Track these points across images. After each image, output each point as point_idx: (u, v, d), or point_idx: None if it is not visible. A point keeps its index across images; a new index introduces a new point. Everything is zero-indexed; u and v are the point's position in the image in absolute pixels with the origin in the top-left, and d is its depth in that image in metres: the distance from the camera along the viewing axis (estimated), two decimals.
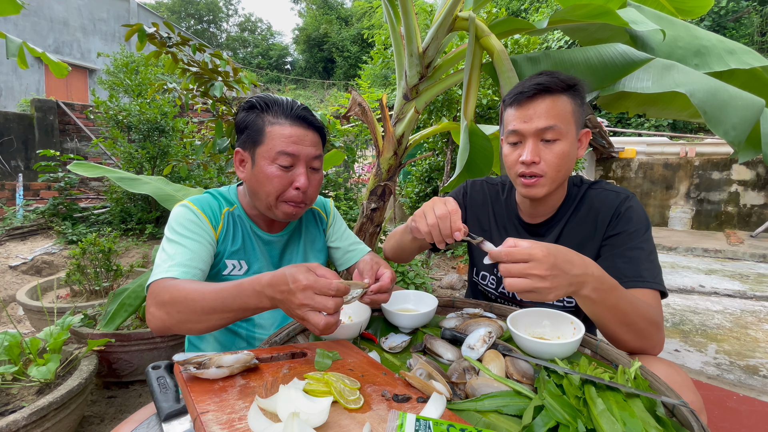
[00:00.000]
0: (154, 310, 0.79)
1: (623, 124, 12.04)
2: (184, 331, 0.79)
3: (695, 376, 2.05)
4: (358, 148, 4.44)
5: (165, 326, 0.78)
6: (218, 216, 0.99)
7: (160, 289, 0.80)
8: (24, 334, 2.40)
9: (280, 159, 0.91)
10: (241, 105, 0.98)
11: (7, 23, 10.48)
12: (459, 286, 3.59)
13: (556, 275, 0.66)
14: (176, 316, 0.76)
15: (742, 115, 1.13)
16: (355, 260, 1.20)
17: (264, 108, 0.94)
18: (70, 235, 4.08)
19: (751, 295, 3.85)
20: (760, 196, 7.84)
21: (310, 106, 2.54)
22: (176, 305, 0.76)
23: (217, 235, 0.97)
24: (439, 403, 0.54)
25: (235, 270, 1.00)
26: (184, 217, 0.94)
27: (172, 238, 0.91)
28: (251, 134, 0.94)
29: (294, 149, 0.92)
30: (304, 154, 0.94)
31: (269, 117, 0.93)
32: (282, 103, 0.95)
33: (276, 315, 1.07)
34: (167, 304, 0.77)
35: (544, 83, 0.88)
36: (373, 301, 0.84)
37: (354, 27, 24.36)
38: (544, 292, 0.67)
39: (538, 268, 0.66)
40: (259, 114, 0.94)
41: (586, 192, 1.03)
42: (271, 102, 0.95)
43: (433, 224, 0.80)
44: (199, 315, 0.75)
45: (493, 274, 1.14)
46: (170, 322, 0.77)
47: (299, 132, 0.93)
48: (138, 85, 4.68)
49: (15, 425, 1.10)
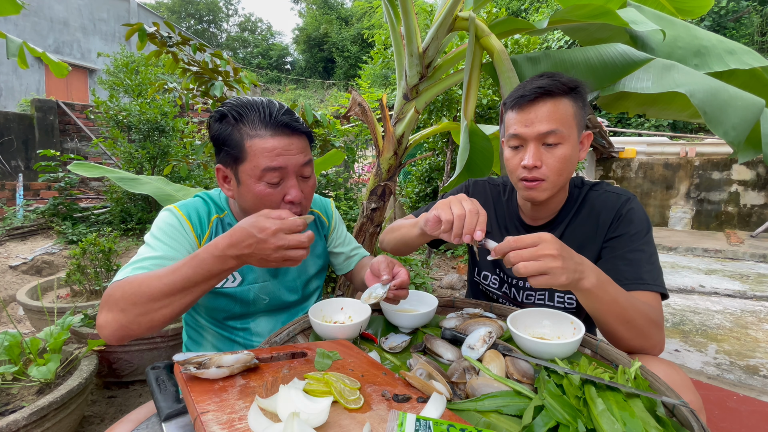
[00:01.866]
0: (105, 314, 0.71)
1: (623, 124, 12.04)
2: (144, 328, 0.71)
3: (695, 376, 2.05)
4: (358, 148, 4.44)
5: (121, 326, 0.70)
6: (205, 223, 0.93)
7: (110, 290, 0.73)
8: (24, 334, 2.40)
9: (266, 176, 0.82)
10: (212, 115, 0.87)
11: (7, 23, 10.48)
12: (459, 286, 3.59)
13: (565, 257, 0.69)
14: (133, 310, 0.69)
15: (742, 115, 1.13)
16: (354, 264, 1.19)
17: (238, 118, 0.82)
18: (70, 235, 4.09)
19: (751, 295, 3.85)
20: (760, 196, 7.84)
21: (310, 106, 2.52)
22: (130, 297, 0.70)
23: (202, 243, 0.91)
24: (439, 403, 0.54)
25: (228, 282, 0.94)
26: (165, 221, 0.88)
27: (148, 242, 0.86)
28: (230, 151, 0.83)
29: (280, 162, 0.81)
30: (292, 164, 0.83)
31: (246, 129, 0.81)
32: (258, 109, 0.82)
33: (274, 323, 1.04)
34: (119, 300, 0.70)
35: (545, 86, 0.87)
36: (396, 296, 0.86)
37: (354, 27, 24.37)
38: (558, 272, 0.68)
39: (549, 248, 0.68)
40: (234, 126, 0.82)
41: (587, 194, 1.03)
42: (244, 110, 0.82)
43: (460, 215, 0.77)
44: (160, 300, 0.69)
45: (495, 273, 1.14)
46: (126, 319, 0.70)
47: (283, 142, 0.82)
48: (138, 85, 4.68)
49: (15, 425, 1.10)
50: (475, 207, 0.79)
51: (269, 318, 1.03)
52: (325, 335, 0.83)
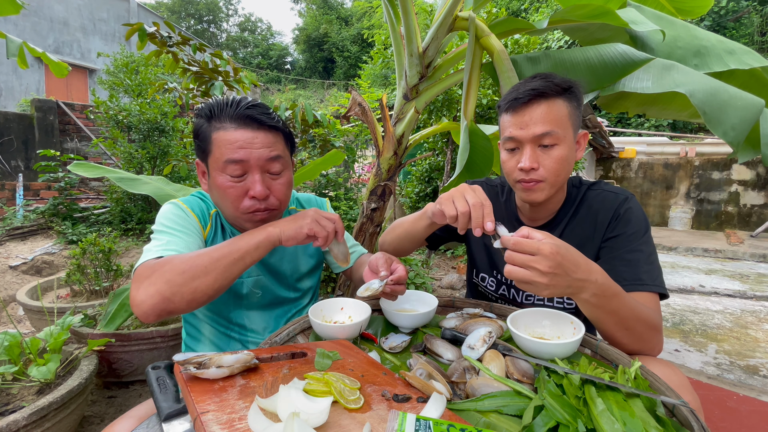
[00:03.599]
0: (146, 287, 0.71)
1: (623, 124, 12.04)
2: (186, 300, 0.72)
3: (695, 376, 2.05)
4: (358, 148, 4.45)
5: (164, 299, 0.70)
6: (207, 216, 0.96)
7: (153, 263, 0.75)
8: (24, 334, 2.40)
9: (228, 168, 0.83)
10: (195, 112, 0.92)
11: (7, 23, 10.48)
12: (459, 286, 3.59)
13: (557, 274, 0.66)
14: (179, 279, 0.71)
15: (742, 115, 1.12)
16: (353, 262, 1.19)
17: (210, 113, 0.86)
18: (70, 235, 4.09)
19: (751, 295, 3.85)
20: (760, 195, 7.84)
21: (310, 106, 2.51)
22: (179, 266, 0.72)
23: (206, 234, 0.94)
24: (439, 403, 0.54)
25: None
26: (172, 212, 0.91)
27: (161, 230, 0.87)
28: (201, 144, 0.87)
29: (241, 155, 0.82)
30: (255, 157, 0.83)
31: (215, 122, 0.85)
32: (226, 104, 0.85)
33: (268, 319, 1.06)
34: (166, 272, 0.72)
35: (538, 88, 0.87)
36: (393, 291, 0.86)
37: (354, 27, 24.37)
38: (540, 287, 0.68)
39: (542, 263, 0.66)
40: (207, 121, 0.86)
41: (585, 193, 1.03)
42: (215, 106, 0.86)
43: (464, 212, 0.77)
44: (206, 270, 0.72)
45: (492, 276, 1.14)
46: (171, 291, 0.70)
47: (246, 135, 0.83)
48: (138, 85, 4.68)
49: (15, 425, 1.10)
50: (478, 199, 0.78)
51: (263, 313, 1.05)
52: (325, 335, 0.83)
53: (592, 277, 0.71)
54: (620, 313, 0.76)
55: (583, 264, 0.70)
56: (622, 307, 0.75)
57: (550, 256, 0.66)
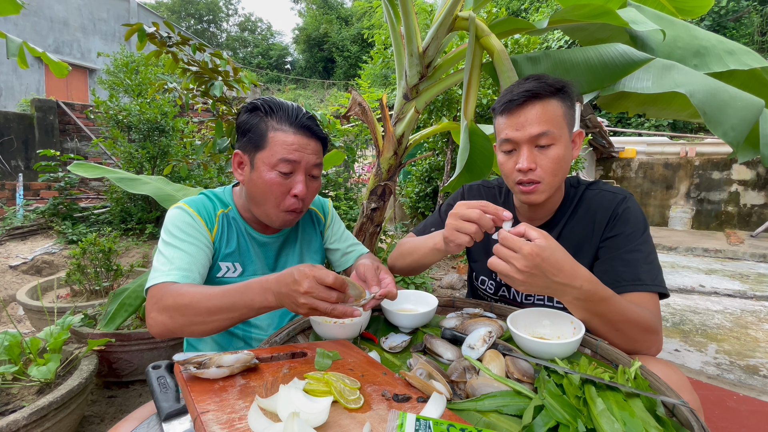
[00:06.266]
0: (156, 315, 0.79)
1: (623, 124, 12.05)
2: (186, 334, 0.80)
3: (695, 376, 2.05)
4: (358, 148, 4.44)
5: (167, 330, 0.79)
6: (213, 218, 0.99)
7: (162, 293, 0.80)
8: (24, 333, 2.40)
9: (280, 166, 0.90)
10: (244, 106, 0.97)
11: (7, 23, 10.47)
12: (459, 286, 3.59)
13: (533, 274, 0.69)
14: (180, 320, 0.77)
15: (742, 115, 1.12)
16: (353, 261, 1.19)
17: (268, 112, 0.92)
18: (70, 234, 4.08)
19: (751, 294, 3.85)
20: (760, 195, 7.85)
21: (310, 106, 2.54)
22: (180, 309, 0.77)
23: (213, 236, 0.97)
24: (439, 403, 0.54)
25: (229, 272, 0.99)
26: (180, 219, 0.93)
27: (169, 242, 0.90)
28: (253, 138, 0.92)
29: (296, 156, 0.91)
30: (305, 161, 0.93)
31: (273, 122, 0.92)
32: (287, 109, 0.93)
33: (272, 315, 1.07)
34: (170, 308, 0.77)
35: (532, 89, 0.88)
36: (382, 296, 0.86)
37: (354, 27, 24.36)
38: (516, 282, 0.72)
39: (520, 261, 0.69)
40: (262, 118, 0.92)
41: (583, 193, 1.03)
42: (276, 106, 0.93)
43: (475, 231, 0.80)
44: (204, 317, 0.76)
45: (491, 279, 1.14)
46: (173, 326, 0.78)
47: (302, 140, 0.92)
48: (138, 84, 4.67)
49: (15, 425, 1.10)
50: (476, 212, 0.80)
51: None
52: (325, 335, 0.83)
53: (576, 283, 0.72)
54: (608, 316, 0.77)
55: (568, 269, 0.71)
56: (610, 311, 0.76)
57: (528, 257, 0.68)
